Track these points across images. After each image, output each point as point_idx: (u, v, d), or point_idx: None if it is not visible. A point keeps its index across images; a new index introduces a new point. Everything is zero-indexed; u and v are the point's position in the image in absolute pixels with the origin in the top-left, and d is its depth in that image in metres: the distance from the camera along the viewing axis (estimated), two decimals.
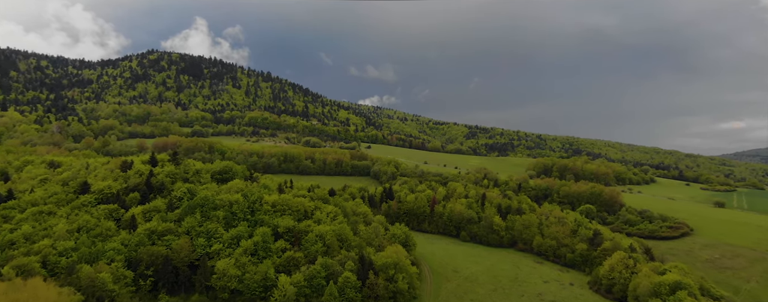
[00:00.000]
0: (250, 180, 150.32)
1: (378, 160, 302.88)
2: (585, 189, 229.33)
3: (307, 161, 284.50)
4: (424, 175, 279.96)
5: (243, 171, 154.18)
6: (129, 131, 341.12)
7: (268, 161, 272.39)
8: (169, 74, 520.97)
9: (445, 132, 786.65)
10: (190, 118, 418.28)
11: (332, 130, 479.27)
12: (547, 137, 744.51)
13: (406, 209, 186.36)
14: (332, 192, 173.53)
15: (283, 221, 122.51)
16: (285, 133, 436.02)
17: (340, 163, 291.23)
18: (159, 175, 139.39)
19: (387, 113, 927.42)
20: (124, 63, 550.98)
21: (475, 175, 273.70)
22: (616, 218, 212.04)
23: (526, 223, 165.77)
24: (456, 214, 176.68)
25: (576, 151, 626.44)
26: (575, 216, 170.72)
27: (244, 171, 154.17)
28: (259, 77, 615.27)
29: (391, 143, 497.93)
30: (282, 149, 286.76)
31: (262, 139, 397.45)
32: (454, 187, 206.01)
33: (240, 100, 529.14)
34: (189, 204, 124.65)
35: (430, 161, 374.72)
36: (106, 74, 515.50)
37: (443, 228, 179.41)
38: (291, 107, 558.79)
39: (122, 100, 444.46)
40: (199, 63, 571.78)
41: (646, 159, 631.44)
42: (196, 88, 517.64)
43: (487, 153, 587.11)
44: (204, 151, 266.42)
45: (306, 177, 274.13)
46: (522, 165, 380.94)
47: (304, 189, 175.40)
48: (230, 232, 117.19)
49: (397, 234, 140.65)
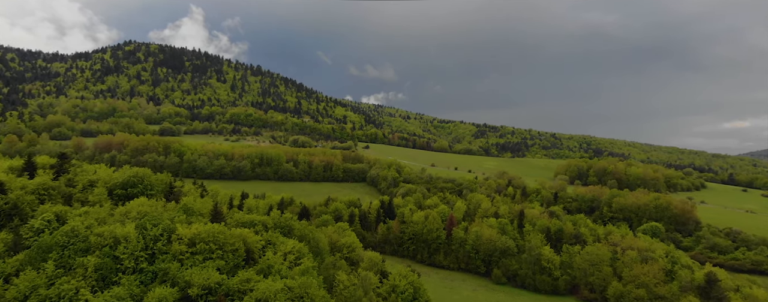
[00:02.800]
0: (170, 196, 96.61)
1: (376, 163, 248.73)
2: (647, 200, 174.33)
3: (289, 164, 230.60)
4: (432, 181, 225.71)
5: (162, 183, 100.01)
6: (82, 129, 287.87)
7: (238, 164, 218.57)
8: (144, 66, 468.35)
9: (451, 130, 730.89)
10: (162, 115, 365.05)
11: (326, 127, 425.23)
12: (561, 136, 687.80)
13: (412, 233, 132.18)
14: (304, 213, 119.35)
15: (201, 274, 68.47)
16: (271, 132, 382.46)
17: (330, 167, 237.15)
18: (13, 192, 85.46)
19: (388, 111, 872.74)
20: (97, 55, 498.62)
21: (497, 182, 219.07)
22: (697, 241, 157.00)
23: (592, 258, 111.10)
24: (484, 242, 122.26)
25: (597, 151, 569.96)
26: (663, 248, 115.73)
27: (163, 183, 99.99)
28: (248, 71, 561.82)
29: (392, 143, 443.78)
30: (257, 149, 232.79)
31: (243, 138, 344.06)
32: (476, 201, 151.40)
33: (224, 96, 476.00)
34: (39, 245, 70.63)
35: (438, 163, 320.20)
36: (75, 67, 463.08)
37: (466, 262, 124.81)
38: (282, 103, 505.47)
39: (86, 94, 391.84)
40: (180, 55, 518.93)
41: (672, 159, 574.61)
42: (174, 82, 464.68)
43: (499, 153, 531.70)
44: (157, 152, 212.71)
45: (286, 184, 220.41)
46: (547, 168, 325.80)
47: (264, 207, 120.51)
48: (103, 297, 63.07)
49: (400, 286, 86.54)
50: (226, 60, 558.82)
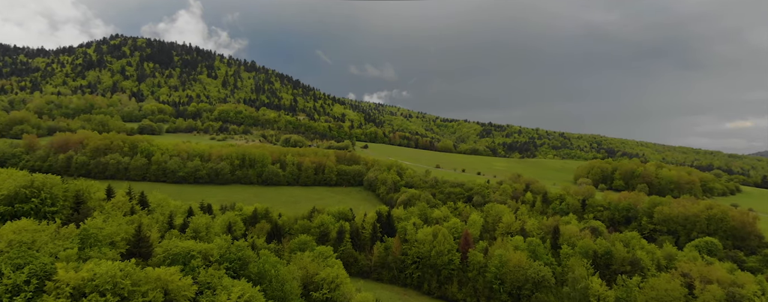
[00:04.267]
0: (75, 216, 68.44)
1: (375, 164, 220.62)
2: (697, 210, 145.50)
3: (275, 166, 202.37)
4: (438, 186, 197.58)
5: (67, 195, 71.62)
6: (49, 127, 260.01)
7: (215, 166, 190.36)
8: (129, 61, 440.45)
9: (454, 130, 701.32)
10: (143, 112, 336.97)
11: (322, 126, 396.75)
12: (570, 136, 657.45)
13: (417, 255, 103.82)
14: (275, 232, 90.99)
15: None
16: (263, 130, 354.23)
17: (322, 169, 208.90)
18: None
19: (389, 110, 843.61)
20: (81, 49, 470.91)
21: (512, 186, 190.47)
22: (764, 261, 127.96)
23: (661, 296, 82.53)
24: (511, 269, 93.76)
25: (609, 151, 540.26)
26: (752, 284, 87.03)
27: (68, 194, 71.58)
28: (241, 66, 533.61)
29: (393, 142, 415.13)
30: (239, 149, 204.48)
31: (230, 137, 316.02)
32: (495, 213, 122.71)
33: (214, 92, 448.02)
34: None
35: (443, 164, 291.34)
36: (56, 61, 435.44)
37: (488, 295, 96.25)
38: (277, 101, 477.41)
39: (64, 90, 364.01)
40: (169, 49, 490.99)
41: (688, 160, 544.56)
42: (161, 78, 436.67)
43: (507, 153, 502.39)
44: (121, 153, 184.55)
45: (271, 188, 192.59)
46: (563, 170, 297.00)
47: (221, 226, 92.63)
48: None
49: None
50: (218, 55, 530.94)
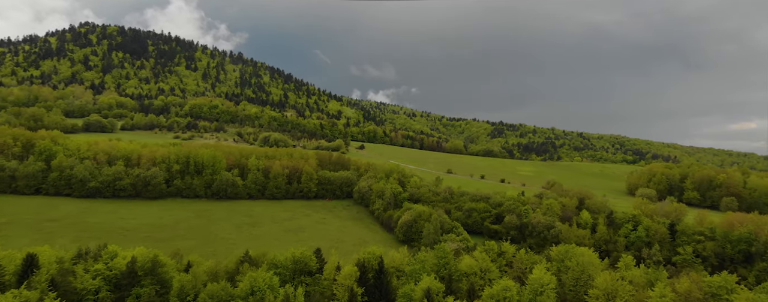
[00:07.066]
0: None
1: (370, 169, 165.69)
2: None
3: (232, 172, 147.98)
4: (454, 199, 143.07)
5: None
6: None
7: (144, 174, 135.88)
8: (94, 50, 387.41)
9: (462, 129, 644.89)
10: (98, 105, 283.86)
11: (312, 123, 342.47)
12: (590, 136, 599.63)
13: None
14: None
15: None
16: (240, 128, 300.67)
17: (297, 177, 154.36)
18: None
19: (392, 109, 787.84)
20: (44, 38, 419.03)
21: (559, 201, 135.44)
22: None
23: None
24: None
25: (637, 152, 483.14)
26: None
27: None
28: (227, 58, 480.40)
29: (395, 142, 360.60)
30: (183, 150, 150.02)
31: (200, 135, 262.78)
32: (580, 264, 67.26)
33: (192, 85, 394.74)
34: None
35: (455, 168, 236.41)
36: (11, 51, 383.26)
37: None
38: (264, 95, 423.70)
39: (10, 81, 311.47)
40: (144, 38, 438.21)
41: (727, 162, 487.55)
42: (131, 69, 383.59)
43: (523, 155, 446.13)
44: (10, 155, 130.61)
45: (222, 203, 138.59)
46: (603, 176, 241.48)
47: None
48: None
49: None
50: (201, 46, 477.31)
